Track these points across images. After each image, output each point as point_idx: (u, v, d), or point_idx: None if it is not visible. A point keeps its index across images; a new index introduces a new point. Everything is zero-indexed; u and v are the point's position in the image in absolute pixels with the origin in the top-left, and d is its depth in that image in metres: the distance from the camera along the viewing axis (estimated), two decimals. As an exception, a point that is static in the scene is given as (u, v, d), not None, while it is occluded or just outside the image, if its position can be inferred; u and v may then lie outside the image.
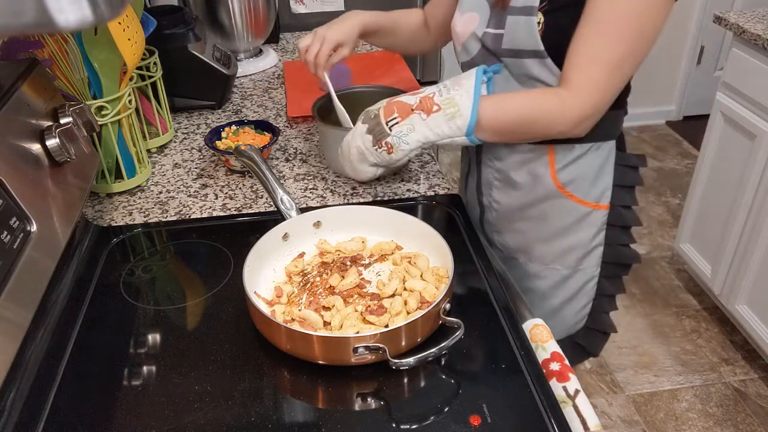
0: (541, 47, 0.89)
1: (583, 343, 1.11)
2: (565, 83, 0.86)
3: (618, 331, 1.13)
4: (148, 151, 1.21)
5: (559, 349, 0.80)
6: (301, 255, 0.88)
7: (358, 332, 0.73)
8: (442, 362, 0.74)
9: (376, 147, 0.92)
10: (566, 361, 0.79)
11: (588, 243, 1.03)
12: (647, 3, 0.82)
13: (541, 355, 0.79)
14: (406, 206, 1.03)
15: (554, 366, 0.78)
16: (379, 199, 1.06)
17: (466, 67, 1.02)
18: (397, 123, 0.90)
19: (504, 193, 1.04)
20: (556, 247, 1.04)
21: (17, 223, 0.70)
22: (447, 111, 0.88)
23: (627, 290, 1.10)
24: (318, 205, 1.05)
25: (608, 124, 0.95)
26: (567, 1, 0.86)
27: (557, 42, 0.88)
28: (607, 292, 1.08)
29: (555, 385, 0.75)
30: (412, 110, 0.90)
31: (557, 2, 0.87)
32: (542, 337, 0.81)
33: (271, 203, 0.97)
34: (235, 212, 1.04)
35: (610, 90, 0.86)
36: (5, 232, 0.67)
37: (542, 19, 0.87)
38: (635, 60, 0.85)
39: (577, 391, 0.75)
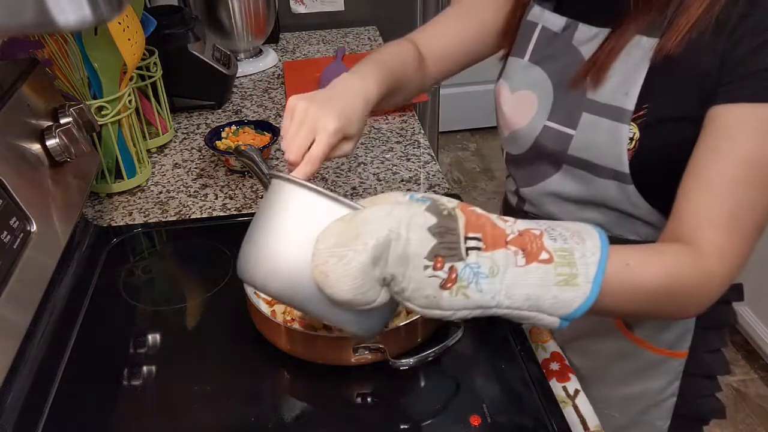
0: (626, 170, 0.66)
1: None
2: (700, 246, 0.59)
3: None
4: (148, 151, 1.21)
5: (559, 349, 0.80)
6: (301, 255, 0.88)
7: (358, 332, 0.73)
8: (442, 362, 0.74)
9: (432, 264, 0.49)
10: (566, 361, 0.79)
11: (656, 394, 0.81)
12: None
13: (541, 355, 0.79)
14: (406, 206, 1.02)
15: (554, 366, 0.77)
16: (379, 199, 1.06)
17: (512, 163, 0.81)
18: (479, 249, 0.50)
19: None
20: (614, 393, 0.83)
21: (17, 223, 0.70)
22: (559, 270, 0.51)
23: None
24: (318, 205, 1.05)
25: None
26: (674, 114, 0.63)
27: (649, 166, 0.66)
28: None
29: (555, 385, 0.75)
30: (506, 243, 0.51)
31: (661, 112, 0.64)
32: (542, 337, 0.81)
33: (271, 203, 0.97)
34: (235, 212, 1.04)
35: (749, 253, 0.61)
36: (5, 232, 0.67)
37: (637, 135, 0.65)
38: None
39: (577, 391, 0.75)
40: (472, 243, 0.50)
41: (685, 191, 0.61)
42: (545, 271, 0.51)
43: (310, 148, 0.64)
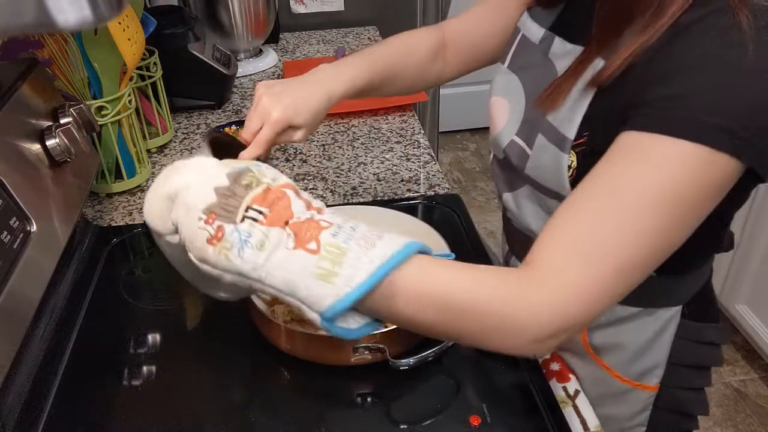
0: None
1: None
2: (533, 269, 0.53)
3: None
4: (148, 151, 1.21)
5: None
6: (301, 255, 0.88)
7: (358, 332, 0.73)
8: (442, 362, 0.74)
9: (205, 219, 0.52)
10: (566, 362, 0.79)
11: (625, 421, 0.78)
12: (693, 178, 0.51)
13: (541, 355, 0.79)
14: (406, 206, 1.02)
15: (554, 366, 0.77)
16: (379, 199, 1.06)
17: (497, 164, 0.80)
18: (256, 222, 0.52)
19: None
20: None
21: (17, 223, 0.70)
22: (320, 264, 0.50)
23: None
24: (318, 205, 1.05)
25: (672, 287, 0.71)
26: (604, 145, 0.57)
27: None
28: None
29: (555, 386, 0.75)
30: (285, 224, 0.52)
31: (595, 142, 0.61)
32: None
33: (271, 203, 0.97)
34: (235, 212, 1.04)
35: (608, 296, 0.53)
36: (5, 232, 0.67)
37: (574, 163, 0.63)
38: (660, 255, 0.54)
39: (577, 392, 0.75)
40: (251, 213, 0.52)
41: (552, 216, 0.56)
42: (307, 260, 0.51)
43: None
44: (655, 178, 0.51)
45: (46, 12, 0.31)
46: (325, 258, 0.50)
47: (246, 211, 0.52)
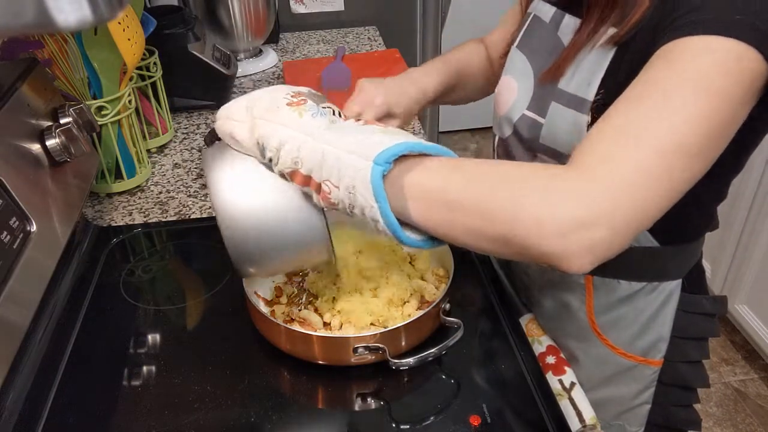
0: None
1: None
2: (578, 164, 0.52)
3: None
4: (148, 151, 1.21)
5: (554, 343, 0.80)
6: (301, 255, 0.88)
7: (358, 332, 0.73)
8: (442, 362, 0.74)
9: (292, 94, 0.61)
10: (562, 354, 0.79)
11: (629, 400, 0.79)
12: (726, 71, 0.52)
13: (537, 349, 0.79)
14: (406, 206, 1.02)
15: (550, 359, 0.77)
16: (379, 199, 1.06)
17: (501, 147, 0.81)
18: (334, 115, 0.61)
19: (535, 313, 0.85)
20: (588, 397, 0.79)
21: (17, 223, 0.70)
22: (385, 129, 0.58)
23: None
24: (318, 205, 1.05)
25: (673, 259, 0.73)
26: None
27: None
28: None
29: (551, 378, 0.75)
30: (356, 119, 0.61)
31: (611, 96, 0.58)
32: (538, 332, 0.81)
33: (271, 203, 0.97)
34: (235, 212, 1.04)
35: (649, 199, 0.50)
36: (5, 232, 0.67)
37: (589, 121, 0.65)
38: (697, 152, 0.52)
39: (572, 384, 0.75)
40: (327, 108, 0.60)
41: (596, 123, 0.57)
42: (374, 128, 0.58)
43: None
44: (689, 70, 0.52)
45: (46, 12, 0.31)
46: (386, 130, 0.57)
47: (324, 107, 0.60)
